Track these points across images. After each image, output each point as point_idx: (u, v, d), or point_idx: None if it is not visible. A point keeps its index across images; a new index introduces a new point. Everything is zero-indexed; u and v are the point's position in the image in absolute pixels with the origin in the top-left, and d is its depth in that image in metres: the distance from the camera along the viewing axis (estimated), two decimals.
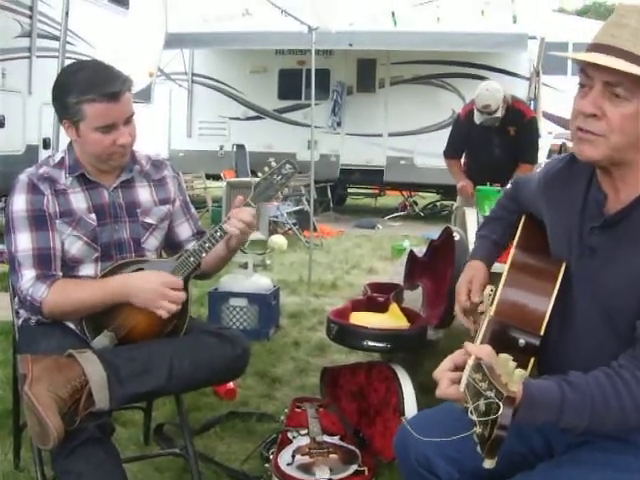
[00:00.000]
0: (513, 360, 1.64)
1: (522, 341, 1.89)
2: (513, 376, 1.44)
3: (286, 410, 3.76)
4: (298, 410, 3.73)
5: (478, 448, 1.45)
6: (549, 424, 1.67)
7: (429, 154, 13.94)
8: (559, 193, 2.06)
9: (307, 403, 3.79)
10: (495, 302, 2.00)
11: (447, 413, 1.68)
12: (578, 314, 1.93)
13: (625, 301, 1.79)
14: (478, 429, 1.44)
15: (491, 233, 2.44)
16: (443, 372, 1.68)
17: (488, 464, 1.45)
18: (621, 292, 1.80)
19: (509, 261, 2.08)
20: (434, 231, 4.22)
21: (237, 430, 3.85)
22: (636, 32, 1.72)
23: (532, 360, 1.88)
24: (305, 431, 3.47)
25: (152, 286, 2.56)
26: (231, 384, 4.22)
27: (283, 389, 4.55)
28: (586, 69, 1.77)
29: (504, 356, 1.51)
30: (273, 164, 2.72)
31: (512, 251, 2.12)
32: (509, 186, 2.54)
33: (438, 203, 16.52)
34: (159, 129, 15.68)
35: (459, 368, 1.65)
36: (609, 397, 1.66)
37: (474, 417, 1.45)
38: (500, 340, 1.89)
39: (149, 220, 2.85)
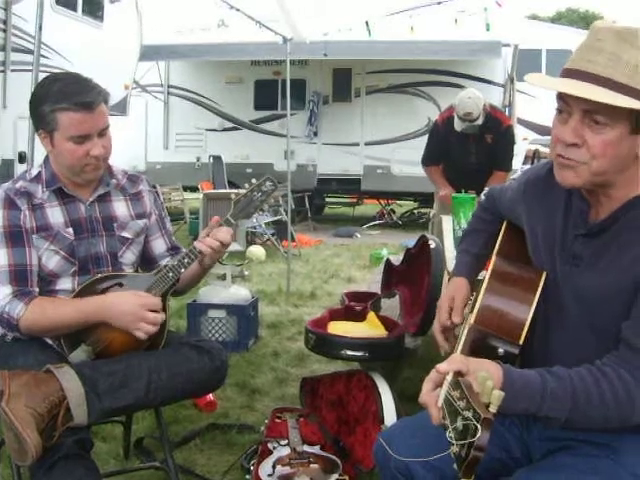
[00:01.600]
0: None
1: (501, 350, 1.90)
2: (491, 397, 1.43)
3: (266, 421, 3.76)
4: (278, 420, 3.73)
5: (455, 466, 1.45)
6: (529, 413, 1.68)
7: (406, 162, 14.03)
8: (540, 201, 2.07)
9: (287, 413, 3.79)
10: (475, 310, 2.00)
11: (427, 421, 1.68)
12: (563, 319, 1.94)
13: (610, 307, 1.81)
14: (455, 448, 1.44)
15: (470, 247, 2.44)
16: (428, 396, 1.65)
17: None
18: (607, 297, 1.82)
19: (490, 269, 2.08)
20: (412, 239, 4.25)
21: (217, 442, 3.85)
22: (612, 56, 1.70)
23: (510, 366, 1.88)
24: (285, 441, 3.47)
25: (130, 308, 2.56)
26: (211, 396, 4.22)
27: (263, 400, 4.55)
28: (564, 96, 1.76)
29: (482, 375, 1.50)
30: (253, 181, 2.74)
31: (493, 259, 2.13)
32: (482, 198, 2.55)
33: (416, 211, 16.54)
34: (136, 141, 15.64)
35: (440, 387, 1.64)
36: (591, 390, 1.68)
37: (452, 436, 1.45)
38: (479, 348, 1.90)
39: (126, 234, 2.85)
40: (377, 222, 15.76)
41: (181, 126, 16.30)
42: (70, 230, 2.71)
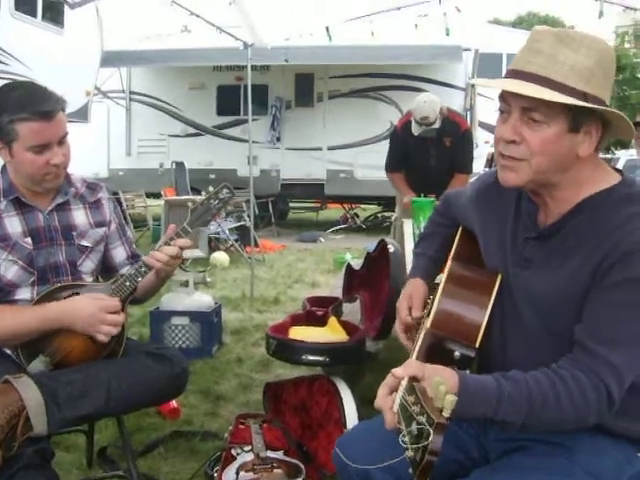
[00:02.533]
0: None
1: (457, 353, 1.91)
2: (444, 402, 1.44)
3: (230, 427, 3.75)
4: (242, 427, 3.72)
5: (410, 470, 1.46)
6: (486, 416, 1.70)
7: (369, 166, 14.09)
8: (491, 206, 2.11)
9: (251, 419, 3.78)
10: (431, 314, 2.01)
11: (384, 423, 1.69)
12: (518, 322, 1.96)
13: (563, 308, 1.83)
14: (410, 453, 1.45)
15: (426, 249, 2.46)
16: (383, 400, 1.67)
17: None
18: (559, 300, 1.84)
19: (445, 273, 2.10)
20: (375, 242, 4.27)
21: (181, 449, 3.83)
22: (549, 57, 1.76)
23: (467, 371, 1.89)
24: (249, 447, 3.47)
25: (90, 311, 2.56)
26: (174, 403, 4.20)
27: (227, 406, 4.54)
28: (504, 96, 1.82)
29: (436, 380, 1.51)
30: (210, 189, 2.75)
31: (448, 263, 2.15)
32: (439, 203, 2.59)
33: (379, 215, 16.62)
34: (98, 148, 15.55)
35: (396, 391, 1.66)
36: (547, 393, 1.70)
37: (406, 440, 1.47)
38: (436, 352, 1.92)
39: (85, 243, 2.84)
40: (341, 226, 15.82)
41: (143, 132, 16.22)
42: (28, 240, 2.70)
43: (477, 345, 1.92)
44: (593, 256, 1.78)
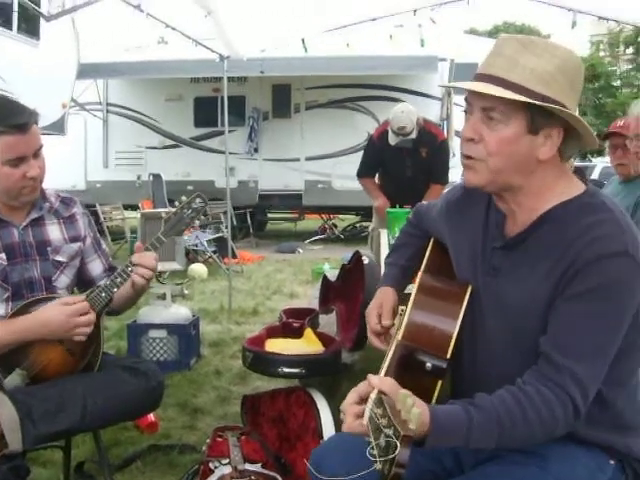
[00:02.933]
0: (419, 382, 1.68)
1: (429, 364, 1.91)
2: (410, 414, 1.46)
3: (208, 440, 3.74)
4: (219, 439, 3.71)
5: None
6: (459, 446, 1.72)
7: (346, 177, 14.08)
8: (461, 217, 2.12)
9: (228, 432, 3.77)
10: (402, 326, 2.01)
11: (360, 437, 1.71)
12: (487, 332, 1.97)
13: (529, 318, 1.85)
14: (378, 466, 1.46)
15: (398, 259, 2.47)
16: (349, 405, 1.70)
17: None
18: (524, 310, 1.86)
19: (416, 285, 2.10)
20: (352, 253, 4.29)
21: (159, 463, 3.83)
22: (510, 60, 1.80)
23: (439, 383, 1.90)
24: (227, 460, 3.45)
25: (61, 320, 2.56)
26: (152, 417, 4.19)
27: (205, 419, 4.54)
28: (468, 97, 1.86)
29: (403, 392, 1.53)
30: (183, 198, 2.76)
31: (419, 275, 2.15)
32: (411, 215, 2.60)
33: (357, 225, 16.67)
34: (75, 161, 15.55)
35: (364, 400, 1.67)
36: (514, 414, 1.71)
37: (374, 453, 1.48)
38: (407, 364, 1.92)
39: (60, 258, 2.83)
40: (319, 237, 15.85)
41: (121, 144, 16.22)
42: (3, 255, 2.69)
43: (448, 356, 1.91)
44: (556, 267, 1.80)
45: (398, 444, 1.41)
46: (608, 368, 1.79)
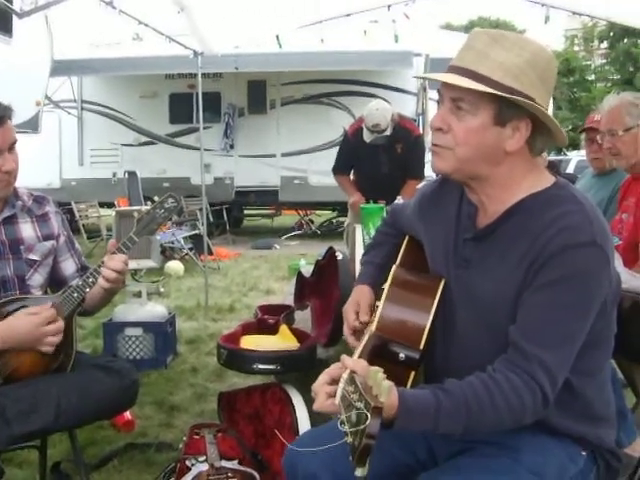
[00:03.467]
0: (392, 373, 1.69)
1: (402, 355, 1.93)
2: (381, 388, 1.49)
3: (184, 438, 3.74)
4: (196, 437, 3.71)
5: (350, 457, 1.50)
6: (427, 431, 1.74)
7: (323, 172, 14.07)
8: (434, 211, 2.15)
9: (205, 429, 3.77)
10: (376, 318, 2.03)
11: (333, 429, 1.72)
12: (458, 323, 2.00)
13: (499, 310, 1.87)
14: (349, 439, 1.49)
15: (374, 258, 2.49)
16: (320, 386, 1.72)
17: (359, 472, 1.49)
18: (494, 301, 1.88)
19: (390, 278, 2.12)
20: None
21: (135, 462, 3.82)
22: (480, 53, 1.83)
23: (413, 373, 1.93)
24: (203, 458, 3.46)
25: (28, 329, 2.55)
26: (128, 415, 4.19)
27: (182, 416, 4.53)
28: (439, 88, 1.90)
29: (374, 368, 1.55)
30: (156, 198, 2.75)
31: (393, 268, 2.17)
32: (386, 215, 2.62)
33: (334, 220, 16.68)
34: (49, 158, 15.43)
35: (336, 381, 1.68)
36: (482, 400, 1.73)
37: (345, 428, 1.51)
38: (381, 354, 1.94)
39: (33, 257, 2.82)
40: (296, 233, 15.85)
41: (96, 142, 16.13)
42: None
43: (422, 347, 1.93)
44: (524, 258, 1.83)
45: (368, 415, 1.44)
46: (576, 358, 1.82)
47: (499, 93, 1.78)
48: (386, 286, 2.09)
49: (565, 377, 1.81)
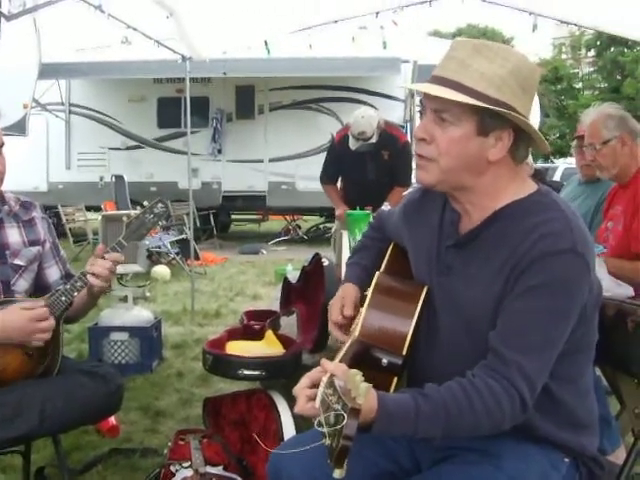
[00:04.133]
0: (375, 379, 1.70)
1: (385, 361, 1.94)
2: (359, 389, 1.50)
3: (169, 443, 3.73)
4: (181, 442, 3.70)
5: (328, 459, 1.51)
6: (407, 435, 1.74)
7: (310, 178, 14.10)
8: (418, 218, 2.16)
9: (190, 435, 3.76)
10: (359, 324, 2.04)
11: (317, 435, 1.73)
12: (441, 330, 2.01)
13: (480, 315, 1.89)
14: (327, 440, 1.50)
15: (359, 260, 2.49)
16: (301, 389, 1.72)
17: (337, 474, 1.50)
18: (476, 308, 1.89)
19: (373, 284, 2.13)
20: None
21: (120, 467, 3.81)
22: (461, 63, 1.85)
23: (395, 379, 1.94)
24: (188, 463, 3.46)
25: (21, 324, 2.55)
26: (113, 420, 4.17)
27: (167, 422, 4.52)
28: (422, 99, 1.93)
29: (353, 371, 1.56)
30: (145, 203, 2.76)
31: (376, 275, 2.18)
32: (373, 219, 2.63)
33: (321, 226, 16.68)
34: (36, 162, 15.40)
35: (316, 385, 1.69)
36: (461, 404, 1.73)
37: (323, 429, 1.51)
38: (363, 360, 1.94)
39: (18, 262, 2.81)
40: (283, 238, 15.84)
41: (83, 145, 16.08)
42: None
43: (404, 353, 1.95)
44: (505, 264, 1.84)
45: (345, 416, 1.45)
46: (557, 364, 1.83)
47: (483, 105, 1.80)
48: (369, 292, 2.10)
49: (545, 382, 1.82)
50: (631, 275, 3.46)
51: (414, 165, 1.99)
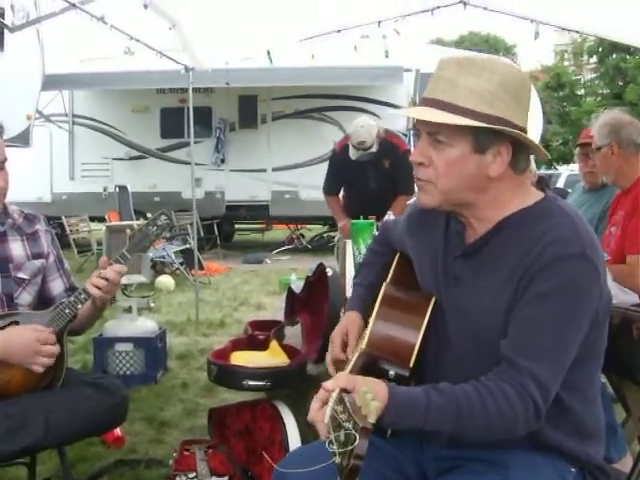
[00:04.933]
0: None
1: (392, 373, 1.94)
2: (370, 408, 1.49)
3: (175, 454, 3.73)
4: (187, 453, 3.70)
5: (338, 478, 1.51)
6: (416, 427, 1.73)
7: (313, 187, 14.08)
8: (423, 230, 2.15)
9: (195, 445, 3.77)
10: (366, 336, 2.04)
11: (322, 447, 1.72)
12: (451, 342, 1.99)
13: (491, 325, 1.87)
14: (337, 459, 1.50)
15: (364, 279, 2.48)
16: (316, 413, 1.70)
17: None
18: (486, 318, 1.88)
19: (380, 296, 2.12)
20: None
21: (125, 478, 3.81)
22: (450, 82, 1.83)
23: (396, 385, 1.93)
24: (194, 474, 3.46)
25: (25, 343, 2.55)
26: (118, 432, 4.17)
27: (172, 432, 4.52)
28: (414, 123, 1.91)
29: (364, 389, 1.55)
30: (149, 215, 2.76)
31: (384, 286, 2.17)
32: (378, 232, 2.63)
33: (325, 235, 16.68)
34: (40, 172, 15.42)
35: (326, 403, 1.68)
36: (474, 402, 1.73)
37: (334, 448, 1.51)
38: (370, 372, 1.93)
39: (22, 275, 2.81)
40: (286, 247, 15.84)
41: (87, 156, 16.11)
42: None
43: (411, 365, 1.94)
44: (514, 272, 1.83)
45: (357, 436, 1.45)
46: (568, 372, 1.82)
47: (473, 124, 1.79)
48: (376, 304, 2.10)
49: (556, 392, 1.81)
50: (618, 278, 3.46)
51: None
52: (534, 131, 1.92)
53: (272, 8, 6.41)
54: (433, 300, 2.03)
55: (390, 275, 2.29)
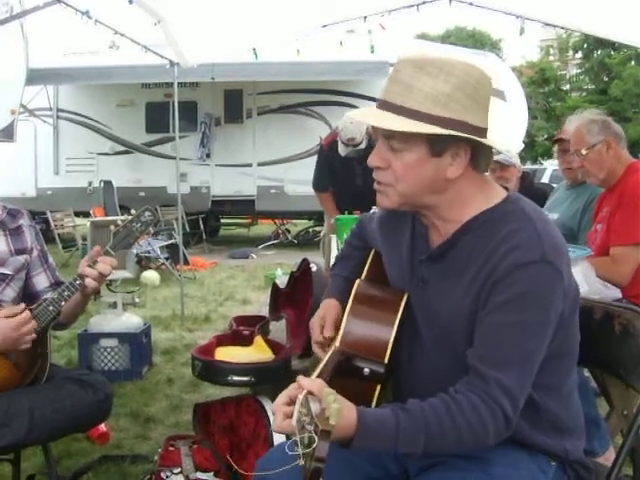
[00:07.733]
0: (358, 388, 1.69)
1: (367, 370, 1.92)
2: (331, 410, 1.49)
3: (160, 450, 3.73)
4: (171, 449, 3.70)
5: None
6: (387, 451, 1.74)
7: (299, 182, 14.15)
8: (391, 230, 2.15)
9: (180, 441, 3.77)
10: (339, 333, 2.03)
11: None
12: (421, 341, 2.00)
13: (456, 328, 1.87)
14: (301, 461, 1.49)
15: (342, 271, 2.47)
16: (278, 406, 1.69)
17: None
18: (452, 321, 1.88)
19: (353, 293, 2.10)
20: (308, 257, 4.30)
21: (110, 474, 3.80)
22: (405, 86, 1.80)
23: (378, 387, 1.92)
24: (179, 469, 3.45)
25: (5, 333, 2.53)
26: (103, 427, 4.16)
27: (157, 428, 4.52)
28: (373, 126, 1.89)
29: (327, 390, 1.55)
30: (133, 212, 2.74)
31: (356, 283, 2.15)
32: (355, 226, 2.63)
33: (310, 229, 16.66)
34: (24, 167, 15.34)
35: (294, 401, 1.66)
36: (443, 419, 1.72)
37: (298, 450, 1.51)
38: (345, 370, 1.92)
39: (5, 271, 2.80)
40: (272, 242, 15.84)
41: (72, 151, 16.04)
42: None
43: (386, 361, 1.93)
44: (476, 278, 1.83)
45: (316, 438, 1.44)
46: (538, 374, 1.81)
47: (425, 130, 1.76)
48: (349, 301, 2.09)
49: (528, 394, 1.81)
50: (600, 270, 3.47)
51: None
52: (500, 128, 1.90)
53: (258, 3, 6.39)
54: (406, 296, 2.02)
55: (365, 271, 2.28)
